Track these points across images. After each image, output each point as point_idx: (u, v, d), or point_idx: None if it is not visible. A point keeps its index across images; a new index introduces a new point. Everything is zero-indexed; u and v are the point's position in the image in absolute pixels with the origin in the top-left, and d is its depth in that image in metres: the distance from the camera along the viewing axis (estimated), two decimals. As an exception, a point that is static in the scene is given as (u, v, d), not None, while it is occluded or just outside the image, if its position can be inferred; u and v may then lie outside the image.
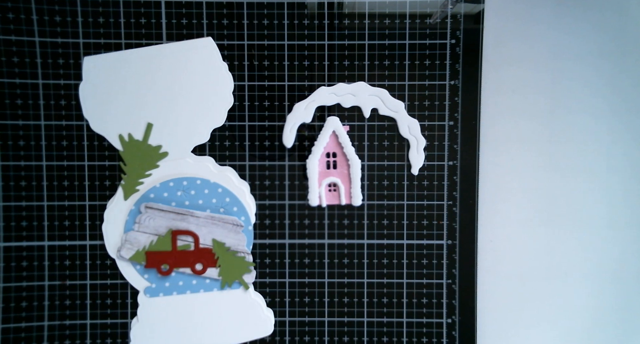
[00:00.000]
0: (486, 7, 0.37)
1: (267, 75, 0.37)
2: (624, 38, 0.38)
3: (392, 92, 0.37)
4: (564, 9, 0.38)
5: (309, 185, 0.37)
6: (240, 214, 0.36)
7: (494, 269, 0.39)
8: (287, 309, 0.38)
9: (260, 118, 0.37)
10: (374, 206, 0.38)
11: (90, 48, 0.36)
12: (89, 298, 0.37)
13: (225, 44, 0.36)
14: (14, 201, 0.37)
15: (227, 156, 0.37)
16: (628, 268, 0.39)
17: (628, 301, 0.39)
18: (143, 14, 0.36)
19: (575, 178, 0.39)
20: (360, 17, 0.36)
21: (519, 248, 0.39)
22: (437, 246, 0.38)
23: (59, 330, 0.37)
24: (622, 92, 0.38)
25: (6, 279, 0.37)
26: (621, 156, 0.39)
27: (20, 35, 0.35)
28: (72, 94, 0.36)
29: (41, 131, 0.36)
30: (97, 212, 0.37)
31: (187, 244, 0.36)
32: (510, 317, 0.39)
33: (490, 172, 0.38)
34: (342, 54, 0.37)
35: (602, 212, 0.39)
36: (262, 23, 0.36)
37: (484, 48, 0.37)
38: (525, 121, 0.38)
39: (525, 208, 0.39)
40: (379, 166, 0.37)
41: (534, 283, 0.39)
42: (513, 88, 0.38)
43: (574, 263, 0.39)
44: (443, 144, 0.37)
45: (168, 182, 0.36)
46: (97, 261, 0.37)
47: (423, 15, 0.36)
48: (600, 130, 0.39)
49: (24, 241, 0.37)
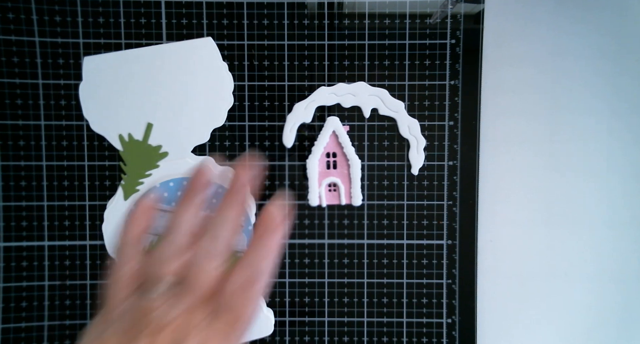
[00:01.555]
0: (486, 7, 0.37)
1: (267, 75, 0.37)
2: (625, 38, 0.38)
3: (392, 92, 0.37)
4: (564, 8, 0.38)
5: (309, 185, 0.37)
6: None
7: (494, 269, 0.39)
8: (287, 309, 0.38)
9: (260, 118, 0.37)
10: (374, 206, 0.38)
11: (90, 48, 0.36)
12: (89, 298, 0.37)
13: (225, 44, 0.36)
14: (14, 201, 0.37)
15: (227, 156, 0.37)
16: (628, 268, 0.39)
17: (629, 301, 0.39)
18: (143, 14, 0.36)
19: (575, 178, 0.39)
20: (360, 17, 0.36)
21: (519, 248, 0.39)
22: (437, 246, 0.38)
23: (59, 330, 0.37)
24: (622, 92, 0.38)
25: (6, 279, 0.37)
26: (621, 155, 0.39)
27: (20, 35, 0.35)
28: (72, 94, 0.36)
29: (41, 131, 0.36)
30: (97, 212, 0.37)
31: (187, 244, 0.36)
32: (510, 317, 0.39)
33: (490, 172, 0.38)
34: (342, 54, 0.37)
35: (603, 212, 0.39)
36: (262, 23, 0.36)
37: (484, 48, 0.37)
38: (525, 120, 0.38)
39: (525, 208, 0.39)
40: (379, 166, 0.37)
41: (534, 283, 0.39)
42: (513, 88, 0.38)
43: (574, 263, 0.39)
44: (443, 144, 0.37)
45: (168, 183, 0.36)
46: (97, 261, 0.37)
47: (423, 15, 0.36)
48: (600, 130, 0.39)
49: (24, 241, 0.37)
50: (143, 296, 0.28)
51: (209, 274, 0.28)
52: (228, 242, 0.29)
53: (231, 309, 0.27)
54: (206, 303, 0.28)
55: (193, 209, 0.31)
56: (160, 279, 0.28)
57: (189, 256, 0.29)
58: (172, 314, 0.27)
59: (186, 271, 0.29)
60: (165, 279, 0.28)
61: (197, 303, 0.27)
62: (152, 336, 0.26)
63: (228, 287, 0.28)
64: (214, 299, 0.28)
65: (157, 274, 0.29)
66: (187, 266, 0.29)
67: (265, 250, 0.29)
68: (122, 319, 0.27)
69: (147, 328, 0.26)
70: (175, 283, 0.28)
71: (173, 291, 0.28)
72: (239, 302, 0.28)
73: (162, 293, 0.28)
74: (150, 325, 0.26)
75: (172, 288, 0.28)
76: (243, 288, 0.28)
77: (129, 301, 0.28)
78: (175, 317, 0.27)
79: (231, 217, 0.30)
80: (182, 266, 0.29)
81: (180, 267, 0.29)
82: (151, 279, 0.29)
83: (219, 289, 0.28)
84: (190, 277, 0.28)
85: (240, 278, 0.28)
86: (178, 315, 0.27)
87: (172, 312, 0.27)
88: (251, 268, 0.28)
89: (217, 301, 0.28)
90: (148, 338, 0.26)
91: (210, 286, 0.28)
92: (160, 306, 0.27)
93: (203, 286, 0.28)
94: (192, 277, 0.28)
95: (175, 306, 0.27)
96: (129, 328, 0.27)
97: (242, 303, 0.28)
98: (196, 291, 0.28)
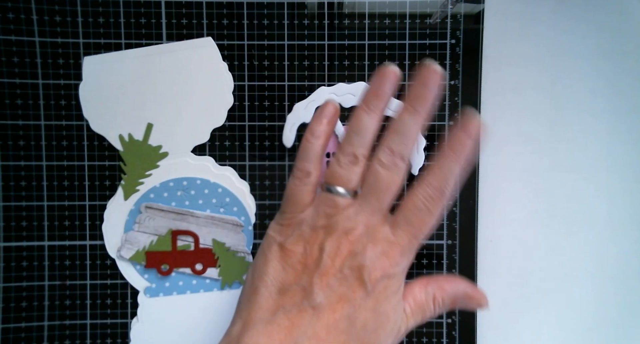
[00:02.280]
0: (486, 7, 0.37)
1: (267, 75, 0.37)
2: (625, 37, 0.38)
3: (392, 92, 0.37)
4: (564, 8, 0.38)
5: (309, 185, 0.37)
6: (240, 214, 0.36)
7: (494, 269, 0.39)
8: (287, 309, 0.38)
9: (260, 118, 0.37)
10: (374, 206, 0.37)
11: (90, 48, 0.36)
12: (89, 298, 0.37)
13: (225, 44, 0.36)
14: (14, 201, 0.37)
15: (227, 156, 0.37)
16: (629, 268, 0.39)
17: (629, 301, 0.39)
18: (143, 14, 0.36)
19: (575, 178, 0.39)
20: (360, 17, 0.36)
21: (519, 248, 0.39)
22: (437, 246, 0.38)
23: (59, 330, 0.37)
24: (623, 91, 0.38)
25: (6, 279, 0.37)
26: (622, 155, 0.39)
27: (20, 35, 0.35)
28: (72, 94, 0.36)
29: (41, 131, 0.36)
30: (97, 212, 0.37)
31: (187, 244, 0.36)
32: (511, 317, 0.39)
33: (490, 172, 0.38)
34: (342, 54, 0.37)
35: (603, 212, 0.39)
36: (262, 23, 0.36)
37: (484, 48, 0.37)
38: (525, 120, 0.38)
39: (525, 208, 0.39)
40: (379, 166, 0.37)
41: (534, 283, 0.39)
42: (513, 88, 0.38)
43: (574, 263, 0.39)
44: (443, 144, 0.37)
45: (168, 182, 0.36)
46: (97, 261, 0.37)
47: (423, 15, 0.36)
48: (600, 129, 0.39)
49: (24, 241, 0.37)
50: (331, 196, 0.28)
51: (394, 181, 0.27)
52: (413, 148, 0.28)
53: (412, 224, 0.27)
54: (387, 214, 0.27)
55: (378, 114, 0.30)
56: (347, 184, 0.28)
57: (373, 163, 0.28)
58: (357, 221, 0.26)
59: (371, 178, 0.28)
60: (350, 185, 0.28)
61: (379, 214, 0.27)
62: (338, 239, 0.26)
63: (410, 202, 0.27)
64: (396, 212, 0.27)
65: (342, 179, 0.28)
66: (372, 173, 0.28)
67: (454, 161, 0.28)
68: (313, 218, 0.27)
69: (335, 230, 0.26)
70: (357, 191, 0.28)
71: (357, 199, 0.27)
72: (421, 218, 0.27)
73: (348, 198, 0.27)
74: (337, 227, 0.26)
75: (354, 196, 0.28)
76: (426, 204, 0.27)
77: (316, 202, 0.28)
78: (359, 223, 0.26)
79: (419, 120, 0.29)
80: (366, 172, 0.28)
81: (363, 173, 0.28)
82: (337, 183, 0.28)
83: (401, 203, 0.27)
84: (374, 184, 0.27)
85: (424, 193, 0.27)
86: (361, 222, 0.26)
87: (357, 218, 0.26)
88: (437, 182, 0.27)
89: (398, 215, 0.27)
90: (335, 241, 0.26)
91: (393, 196, 0.27)
92: (347, 209, 0.27)
93: (387, 195, 0.27)
94: (376, 184, 0.27)
95: (360, 212, 0.27)
96: (315, 229, 0.27)
97: (423, 220, 0.27)
98: (381, 200, 0.27)
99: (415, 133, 0.29)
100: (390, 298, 0.27)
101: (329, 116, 0.32)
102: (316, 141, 0.30)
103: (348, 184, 0.28)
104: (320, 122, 0.31)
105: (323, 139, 0.31)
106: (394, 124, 0.29)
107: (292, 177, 0.30)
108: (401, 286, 0.28)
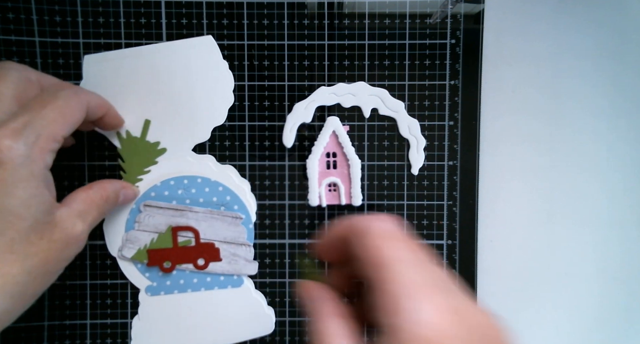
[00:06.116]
0: (486, 7, 0.37)
1: (267, 75, 0.37)
2: (625, 36, 0.38)
3: (392, 92, 0.37)
4: (564, 8, 0.38)
5: (309, 185, 0.37)
6: (241, 212, 0.36)
7: (494, 269, 0.39)
8: (287, 309, 0.38)
9: (260, 118, 0.37)
10: (374, 206, 0.38)
11: (90, 48, 0.36)
12: (89, 298, 0.37)
13: (225, 44, 0.36)
14: (14, 200, 0.36)
15: (227, 156, 0.37)
16: (630, 268, 0.39)
17: (630, 301, 0.39)
18: (143, 14, 0.36)
19: (576, 177, 0.39)
20: (360, 17, 0.36)
21: (519, 248, 0.39)
22: (437, 246, 0.38)
23: (59, 330, 0.37)
24: (623, 91, 0.38)
25: (6, 279, 0.37)
26: (622, 154, 0.39)
27: (20, 35, 0.35)
28: (72, 94, 0.36)
29: (41, 131, 0.36)
30: (97, 212, 0.37)
31: (187, 240, 0.36)
32: (511, 317, 0.39)
33: (490, 172, 0.38)
34: (342, 54, 0.37)
35: (604, 212, 0.39)
36: (262, 23, 0.36)
37: (484, 48, 0.37)
38: (525, 120, 0.38)
39: (525, 208, 0.39)
40: (379, 166, 0.37)
41: (534, 283, 0.39)
42: (513, 88, 0.38)
43: (574, 263, 0.39)
44: (443, 144, 0.37)
45: (169, 181, 0.36)
46: (97, 261, 0.37)
47: (423, 15, 0.36)
48: (601, 129, 0.39)
49: (24, 241, 0.37)
50: None
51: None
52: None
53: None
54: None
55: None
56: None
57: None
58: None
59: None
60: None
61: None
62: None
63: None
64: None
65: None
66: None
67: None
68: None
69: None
70: None
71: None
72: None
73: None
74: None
75: None
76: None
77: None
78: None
79: None
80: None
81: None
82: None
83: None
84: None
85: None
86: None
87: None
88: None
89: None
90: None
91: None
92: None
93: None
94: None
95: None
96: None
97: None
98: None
99: None
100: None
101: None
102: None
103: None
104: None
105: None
106: None
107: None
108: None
